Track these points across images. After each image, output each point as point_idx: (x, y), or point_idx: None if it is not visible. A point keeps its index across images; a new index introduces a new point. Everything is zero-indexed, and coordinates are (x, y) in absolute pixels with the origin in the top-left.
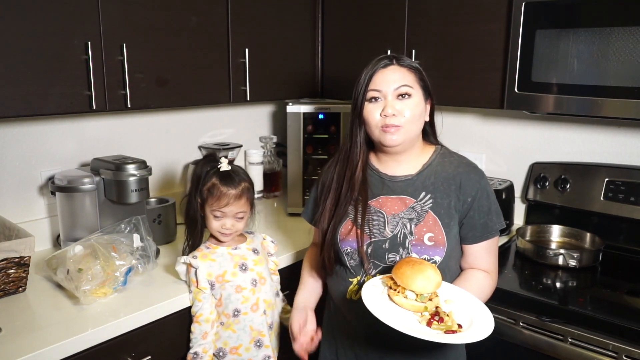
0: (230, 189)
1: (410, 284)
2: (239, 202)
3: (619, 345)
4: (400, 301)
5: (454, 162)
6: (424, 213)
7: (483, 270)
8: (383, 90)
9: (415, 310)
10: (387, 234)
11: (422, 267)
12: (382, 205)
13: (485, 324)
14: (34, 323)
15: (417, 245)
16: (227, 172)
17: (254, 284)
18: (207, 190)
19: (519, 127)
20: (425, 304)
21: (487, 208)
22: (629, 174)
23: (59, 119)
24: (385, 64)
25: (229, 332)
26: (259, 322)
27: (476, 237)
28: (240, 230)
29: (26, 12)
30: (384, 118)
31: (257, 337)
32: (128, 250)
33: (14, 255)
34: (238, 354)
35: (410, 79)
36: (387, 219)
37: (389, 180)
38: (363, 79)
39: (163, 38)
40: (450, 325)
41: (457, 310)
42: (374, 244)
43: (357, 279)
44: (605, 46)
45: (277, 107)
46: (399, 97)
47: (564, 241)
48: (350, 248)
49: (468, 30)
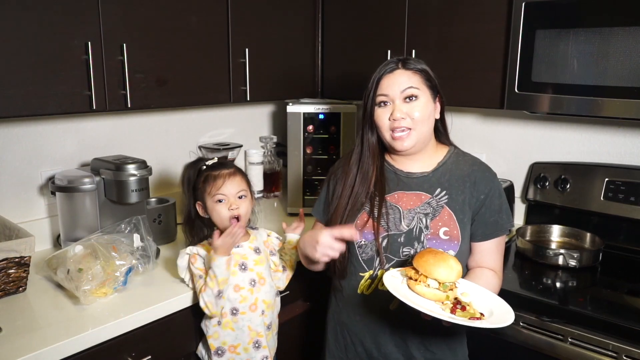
0: (223, 169)
1: (433, 272)
2: (235, 180)
3: (619, 345)
4: (422, 290)
5: (468, 161)
6: (440, 208)
7: (490, 269)
8: (390, 94)
9: (437, 300)
10: (403, 227)
11: (444, 256)
12: (397, 201)
13: (505, 312)
14: (34, 323)
15: (433, 239)
16: (215, 162)
17: (252, 284)
18: (202, 182)
19: (519, 127)
20: (447, 293)
21: (499, 207)
22: (629, 174)
23: (59, 119)
24: (391, 68)
25: (228, 330)
26: (257, 322)
27: (486, 234)
28: (247, 212)
29: (26, 12)
30: (392, 121)
31: (255, 337)
32: (128, 250)
33: (14, 255)
34: (237, 352)
35: (416, 81)
36: (403, 214)
37: (404, 177)
38: (371, 85)
39: (163, 38)
40: (473, 313)
41: (475, 302)
42: (389, 237)
43: (370, 273)
44: (605, 46)
45: (277, 107)
46: (406, 100)
47: (564, 241)
48: (364, 240)
49: (468, 30)
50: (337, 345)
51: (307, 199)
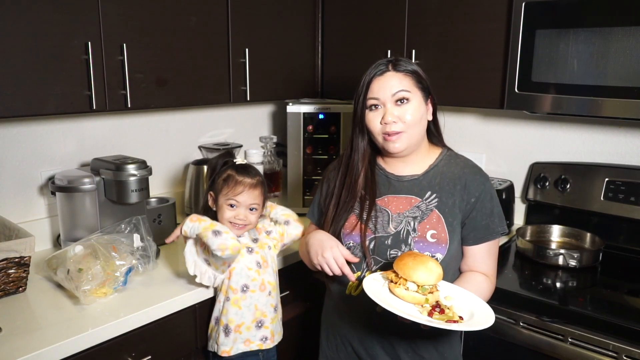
0: (246, 177)
1: (411, 275)
2: (254, 193)
3: (619, 345)
4: (401, 293)
5: (460, 163)
6: (429, 211)
7: (482, 273)
8: (381, 97)
9: (416, 303)
10: (391, 230)
11: (423, 259)
12: (387, 204)
13: (485, 316)
14: (34, 323)
15: (420, 242)
16: (243, 165)
17: (259, 266)
18: (223, 180)
19: (519, 127)
20: (426, 296)
21: (490, 210)
22: (629, 174)
23: (59, 119)
24: (381, 70)
25: (236, 309)
26: (264, 302)
27: (477, 238)
28: (252, 224)
29: (26, 12)
30: (384, 125)
31: (259, 317)
32: (128, 250)
33: (14, 255)
34: (239, 332)
35: (407, 84)
36: (392, 217)
37: (395, 180)
38: (361, 87)
39: (163, 38)
40: (451, 316)
41: (457, 305)
42: (377, 239)
43: (358, 275)
44: (605, 46)
45: (277, 107)
46: (397, 103)
47: (564, 241)
48: (352, 242)
49: (468, 30)
50: (329, 346)
51: (307, 198)
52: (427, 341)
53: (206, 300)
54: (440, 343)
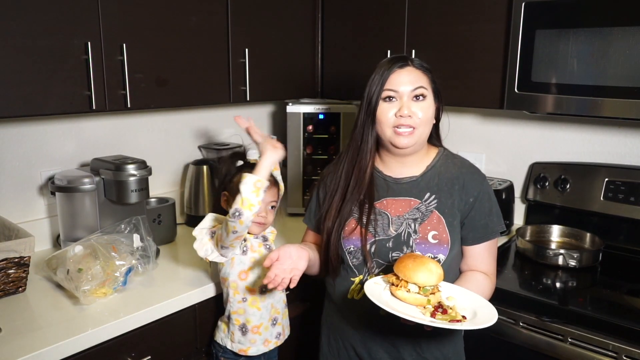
0: None
1: (412, 277)
2: (272, 190)
3: (619, 345)
4: (403, 295)
5: (457, 163)
6: (429, 212)
7: (482, 272)
8: (400, 90)
9: (418, 304)
10: (391, 232)
11: (424, 260)
12: (386, 207)
13: (489, 314)
14: (34, 323)
15: (421, 243)
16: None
17: None
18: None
19: (519, 127)
20: (428, 297)
21: (489, 209)
22: (629, 174)
23: (59, 119)
24: (401, 64)
25: (254, 309)
26: (278, 298)
27: (476, 237)
28: (270, 222)
29: (26, 12)
30: (398, 118)
31: (274, 315)
32: (128, 250)
33: (14, 255)
34: (259, 332)
35: (425, 81)
36: (392, 220)
37: (393, 183)
38: (378, 79)
39: (163, 38)
40: (454, 316)
41: (459, 305)
42: (377, 242)
43: (359, 278)
44: (605, 46)
45: (277, 107)
46: (414, 99)
47: (564, 241)
48: (353, 246)
49: (468, 30)
50: (329, 349)
51: (306, 199)
52: (431, 343)
53: (206, 300)
54: (444, 344)
